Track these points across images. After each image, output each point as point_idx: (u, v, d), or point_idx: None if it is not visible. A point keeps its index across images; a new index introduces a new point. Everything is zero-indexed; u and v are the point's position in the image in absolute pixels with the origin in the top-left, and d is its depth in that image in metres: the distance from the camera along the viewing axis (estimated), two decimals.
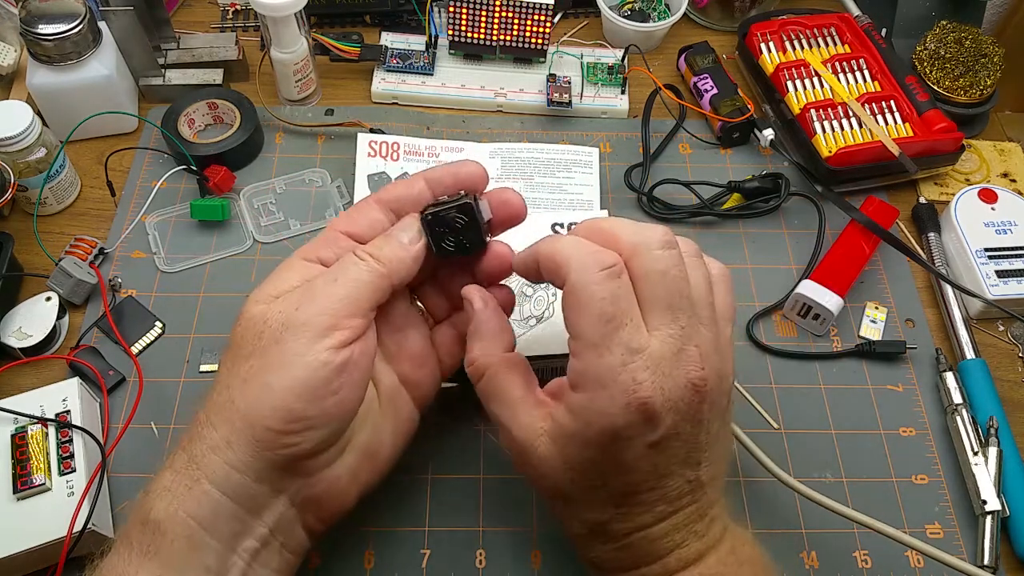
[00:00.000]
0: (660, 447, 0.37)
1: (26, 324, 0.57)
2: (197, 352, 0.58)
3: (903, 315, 0.62)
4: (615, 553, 0.41)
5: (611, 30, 0.79)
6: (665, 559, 0.40)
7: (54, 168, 0.62)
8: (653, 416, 0.36)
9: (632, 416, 0.36)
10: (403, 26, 0.78)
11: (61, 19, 0.62)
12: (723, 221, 0.67)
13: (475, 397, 0.43)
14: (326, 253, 0.42)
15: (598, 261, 0.38)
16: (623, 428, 0.37)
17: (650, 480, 0.38)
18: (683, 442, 0.38)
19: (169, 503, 0.37)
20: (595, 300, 0.37)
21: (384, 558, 0.50)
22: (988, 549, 0.51)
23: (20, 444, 0.49)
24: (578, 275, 0.38)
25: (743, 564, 0.41)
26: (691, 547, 0.40)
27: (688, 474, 0.39)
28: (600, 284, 0.37)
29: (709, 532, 0.40)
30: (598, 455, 0.38)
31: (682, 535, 0.40)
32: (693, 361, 0.37)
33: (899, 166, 0.66)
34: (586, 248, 0.39)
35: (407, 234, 0.42)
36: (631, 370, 0.36)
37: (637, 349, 0.37)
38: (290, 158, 0.70)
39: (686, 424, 0.38)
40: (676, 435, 0.38)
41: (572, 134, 0.73)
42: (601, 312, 0.37)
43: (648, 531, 0.39)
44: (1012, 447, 0.55)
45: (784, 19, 0.74)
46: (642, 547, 0.40)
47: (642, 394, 0.36)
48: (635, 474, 0.38)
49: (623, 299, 0.37)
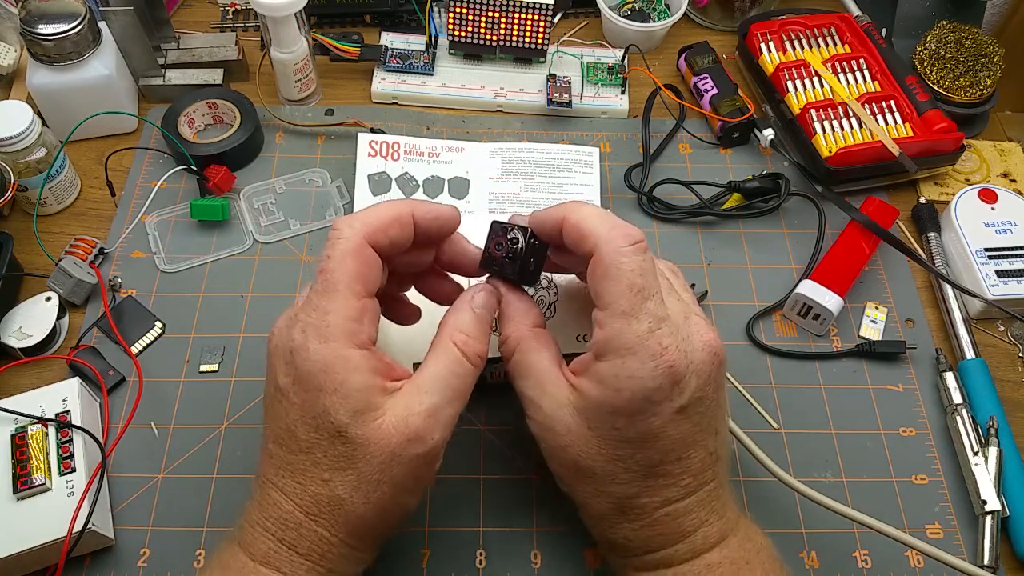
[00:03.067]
0: (686, 412, 0.39)
1: (26, 324, 0.57)
2: (197, 352, 0.58)
3: (903, 315, 0.62)
4: (641, 531, 0.41)
5: (611, 30, 0.79)
6: (691, 537, 0.40)
7: (54, 168, 0.62)
8: (679, 379, 0.38)
9: (661, 379, 0.38)
10: (403, 26, 0.78)
11: (61, 19, 0.62)
12: (723, 221, 0.67)
13: (476, 398, 0.43)
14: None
15: (627, 235, 0.39)
16: (653, 392, 0.38)
17: (677, 449, 0.39)
18: (706, 407, 0.40)
19: None
20: (625, 272, 0.39)
21: (384, 558, 0.50)
22: (988, 549, 0.51)
23: (20, 444, 0.49)
24: (608, 247, 0.39)
25: (760, 551, 0.41)
26: (714, 526, 0.40)
27: (709, 444, 0.40)
28: (630, 257, 0.39)
29: (727, 513, 0.41)
30: (626, 424, 0.39)
31: (705, 512, 0.40)
32: (701, 326, 0.40)
33: (899, 166, 0.66)
34: (612, 220, 0.40)
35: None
36: (658, 336, 0.38)
37: (663, 317, 0.38)
38: (290, 158, 0.70)
39: (708, 388, 0.39)
40: (700, 399, 0.39)
41: (572, 134, 0.73)
42: (631, 283, 0.38)
43: (675, 506, 0.40)
44: (1012, 447, 0.55)
45: (784, 19, 0.74)
46: (668, 524, 0.40)
47: (668, 357, 0.38)
48: (662, 441, 0.39)
49: (650, 273, 0.39)
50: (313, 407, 0.38)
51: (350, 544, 0.40)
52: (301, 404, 0.39)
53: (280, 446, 0.40)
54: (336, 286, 0.39)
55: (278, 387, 0.40)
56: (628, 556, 0.42)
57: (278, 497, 0.39)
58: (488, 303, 0.43)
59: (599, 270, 0.39)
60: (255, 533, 0.40)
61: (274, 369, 0.40)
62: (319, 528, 0.39)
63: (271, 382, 0.41)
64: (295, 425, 0.39)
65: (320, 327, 0.38)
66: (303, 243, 0.65)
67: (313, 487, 0.39)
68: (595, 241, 0.40)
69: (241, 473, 0.53)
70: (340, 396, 0.38)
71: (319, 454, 0.39)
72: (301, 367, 0.39)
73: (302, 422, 0.39)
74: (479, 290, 0.44)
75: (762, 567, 0.41)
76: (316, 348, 0.38)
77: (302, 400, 0.39)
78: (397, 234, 0.42)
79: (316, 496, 0.39)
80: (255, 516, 0.40)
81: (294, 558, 0.39)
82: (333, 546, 0.39)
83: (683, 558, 0.40)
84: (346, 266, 0.39)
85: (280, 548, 0.39)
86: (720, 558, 0.40)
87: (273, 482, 0.40)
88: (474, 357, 0.41)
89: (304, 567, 0.39)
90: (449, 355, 0.41)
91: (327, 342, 0.38)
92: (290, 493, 0.39)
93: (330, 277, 0.39)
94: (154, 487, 0.52)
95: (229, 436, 0.55)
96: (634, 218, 0.67)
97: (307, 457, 0.39)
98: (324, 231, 0.65)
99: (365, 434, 0.38)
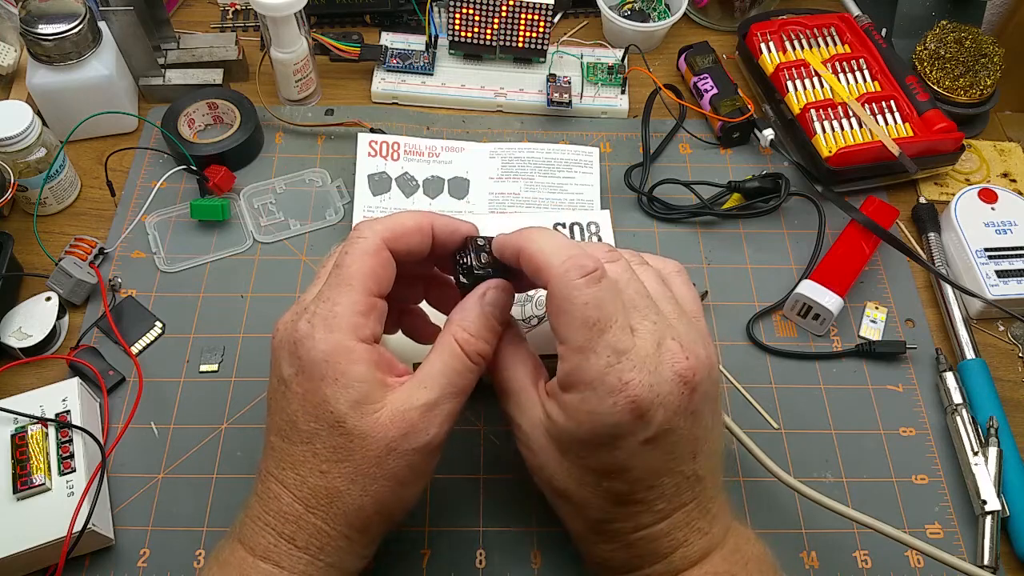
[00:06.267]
0: (654, 443, 0.38)
1: (26, 324, 0.57)
2: (197, 352, 0.58)
3: (903, 315, 0.62)
4: (618, 553, 0.41)
5: (611, 30, 0.79)
6: (669, 557, 0.40)
7: (54, 168, 0.62)
8: (643, 413, 0.37)
9: (622, 415, 0.37)
10: (403, 26, 0.78)
11: (61, 19, 0.62)
12: (723, 221, 0.67)
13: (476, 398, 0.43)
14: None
15: (580, 266, 0.38)
16: (614, 427, 0.37)
17: (647, 478, 0.38)
18: (679, 437, 0.38)
19: None
20: (578, 306, 0.37)
21: (384, 558, 0.50)
22: (988, 549, 0.51)
23: (20, 444, 0.49)
24: (559, 281, 0.38)
25: (748, 562, 0.41)
26: (695, 545, 0.40)
27: (685, 469, 0.39)
28: (582, 291, 0.37)
29: (712, 529, 0.40)
30: (591, 455, 0.38)
31: (684, 533, 0.40)
32: (675, 353, 0.38)
33: (899, 166, 0.66)
34: (567, 251, 0.39)
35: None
36: (618, 371, 0.37)
37: (623, 350, 0.37)
38: (290, 158, 0.70)
39: (679, 418, 0.38)
40: (671, 431, 0.38)
41: (572, 134, 0.73)
42: (584, 318, 0.37)
43: (649, 530, 0.39)
44: (1012, 447, 0.55)
45: (784, 19, 0.74)
46: (644, 547, 0.40)
47: (630, 393, 0.36)
48: (631, 472, 0.38)
49: (607, 303, 0.38)
50: (314, 396, 0.39)
51: (349, 537, 0.40)
52: (303, 394, 0.39)
53: (281, 438, 0.40)
54: (349, 280, 0.40)
55: (281, 378, 0.40)
56: (609, 573, 0.42)
57: (278, 490, 0.40)
58: (498, 301, 0.43)
59: (552, 305, 0.39)
60: (255, 528, 0.40)
61: (278, 362, 0.41)
62: (318, 520, 0.39)
63: (275, 375, 0.41)
64: (296, 415, 0.39)
65: (328, 317, 0.39)
66: (303, 243, 0.65)
67: (312, 479, 0.39)
68: (547, 275, 0.39)
69: (241, 473, 0.53)
70: (341, 386, 0.38)
71: (318, 445, 0.39)
72: (305, 356, 0.39)
73: (303, 411, 0.39)
74: (491, 287, 0.43)
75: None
76: (322, 337, 0.39)
77: (304, 390, 0.39)
78: (416, 243, 0.43)
79: (315, 488, 0.39)
80: (255, 511, 0.40)
81: (293, 552, 0.39)
82: (332, 539, 0.39)
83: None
84: (362, 263, 0.40)
85: (279, 542, 0.39)
86: (700, 575, 0.40)
87: (273, 475, 0.40)
88: (475, 356, 0.41)
89: (303, 561, 0.39)
90: (450, 352, 0.41)
91: (332, 332, 0.39)
92: (290, 485, 0.39)
93: (345, 272, 0.40)
94: (154, 487, 0.52)
95: (229, 436, 0.55)
96: (634, 218, 0.67)
97: (307, 448, 0.39)
98: (324, 231, 0.65)
99: (363, 426, 0.38)
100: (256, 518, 0.40)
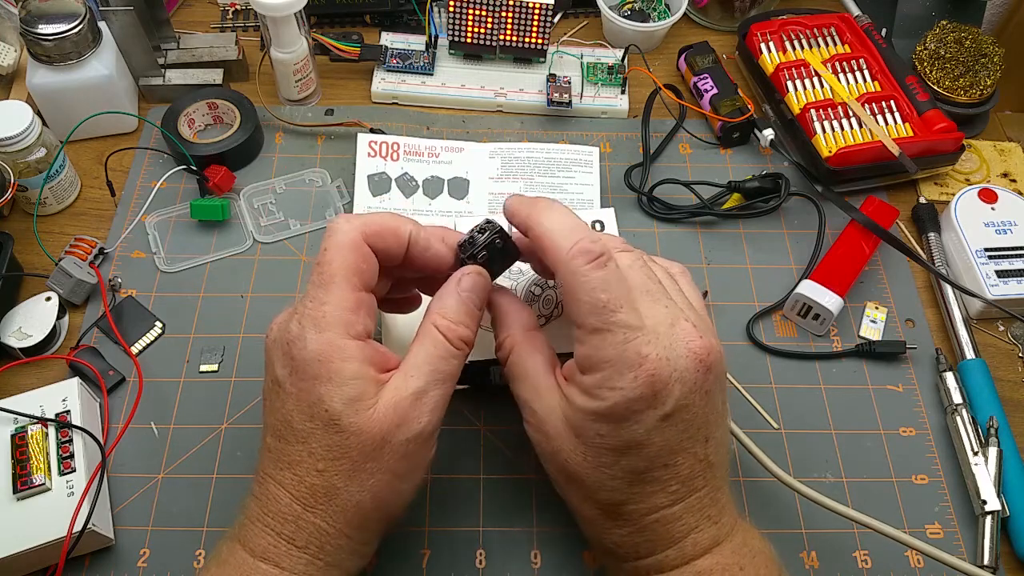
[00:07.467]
0: (671, 420, 0.38)
1: (26, 324, 0.57)
2: (197, 352, 0.58)
3: (903, 315, 0.62)
4: (630, 537, 0.41)
5: (611, 30, 0.79)
6: (681, 543, 0.40)
7: (54, 168, 0.62)
8: (662, 388, 0.38)
9: (641, 389, 0.37)
10: (403, 26, 0.78)
11: (61, 19, 0.62)
12: (723, 221, 0.67)
13: (476, 398, 0.43)
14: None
15: (585, 251, 0.39)
16: (634, 401, 0.38)
17: (663, 456, 0.39)
18: (693, 415, 0.39)
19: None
20: (587, 291, 0.39)
21: (384, 558, 0.50)
22: (988, 549, 0.51)
23: (20, 444, 0.49)
24: (566, 268, 0.39)
25: (756, 556, 0.41)
26: (705, 532, 0.40)
27: (699, 451, 0.40)
28: (588, 276, 0.39)
29: (722, 519, 0.41)
30: (610, 432, 0.39)
31: (696, 519, 0.40)
32: (688, 332, 0.39)
33: (899, 166, 0.66)
34: (574, 235, 0.40)
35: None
36: (635, 345, 0.38)
37: (637, 327, 0.38)
38: (290, 158, 0.70)
39: (694, 396, 0.39)
40: (686, 407, 0.38)
41: (572, 134, 0.73)
42: (594, 301, 0.38)
43: (663, 512, 0.40)
44: (1012, 447, 0.55)
45: (784, 19, 0.74)
46: (657, 530, 0.40)
47: (648, 367, 0.37)
48: (648, 449, 0.39)
49: (615, 285, 0.39)
50: (308, 396, 0.39)
51: (348, 535, 0.40)
52: (297, 394, 0.39)
53: (277, 438, 0.40)
54: (332, 278, 0.40)
55: (275, 379, 0.41)
56: (619, 561, 0.42)
57: (276, 491, 0.40)
58: (475, 286, 0.43)
59: (563, 291, 0.40)
60: (254, 529, 0.40)
61: (272, 363, 0.41)
62: (316, 519, 0.39)
63: (269, 376, 0.42)
64: (291, 415, 0.40)
65: (316, 317, 0.39)
66: (303, 243, 0.65)
67: (309, 478, 0.39)
68: (554, 260, 0.40)
69: (241, 473, 0.53)
70: (334, 384, 0.39)
71: (314, 444, 0.39)
72: (297, 356, 0.39)
73: (298, 411, 0.39)
74: (466, 273, 0.43)
75: (756, 572, 0.40)
76: (312, 337, 0.39)
77: (298, 390, 0.39)
78: (391, 244, 0.43)
79: (312, 487, 0.39)
80: (254, 512, 0.40)
81: (292, 551, 0.39)
82: (331, 537, 0.40)
83: (672, 564, 0.40)
84: (342, 259, 0.41)
85: (279, 542, 0.39)
86: (711, 564, 0.40)
87: (271, 476, 0.40)
88: (456, 341, 0.41)
89: (303, 560, 0.39)
90: (432, 340, 0.41)
91: (323, 331, 0.39)
92: (287, 485, 0.40)
93: (326, 270, 0.40)
94: (154, 487, 0.52)
95: (229, 436, 0.55)
96: (634, 218, 0.67)
97: (303, 447, 0.39)
98: (324, 231, 0.65)
99: (357, 423, 0.39)
100: (255, 519, 0.40)
